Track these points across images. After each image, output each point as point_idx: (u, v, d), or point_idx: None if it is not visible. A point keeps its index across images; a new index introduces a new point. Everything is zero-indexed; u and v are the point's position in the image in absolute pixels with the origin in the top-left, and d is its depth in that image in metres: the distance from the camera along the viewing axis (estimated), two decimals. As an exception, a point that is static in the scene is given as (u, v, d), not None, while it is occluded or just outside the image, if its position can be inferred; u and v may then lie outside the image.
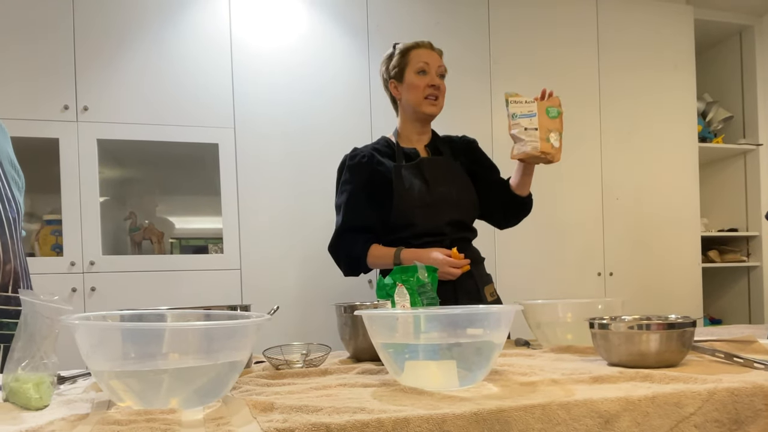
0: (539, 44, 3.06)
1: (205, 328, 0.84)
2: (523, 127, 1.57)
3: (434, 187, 1.72)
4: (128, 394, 0.78)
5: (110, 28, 2.47)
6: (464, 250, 1.78)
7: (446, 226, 1.73)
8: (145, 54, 2.51)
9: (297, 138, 2.67)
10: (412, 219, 1.71)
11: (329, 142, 2.69)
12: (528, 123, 1.57)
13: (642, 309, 3.04)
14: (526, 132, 1.57)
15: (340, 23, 2.75)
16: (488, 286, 1.82)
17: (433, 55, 1.77)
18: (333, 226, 1.79)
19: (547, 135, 1.55)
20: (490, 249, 2.75)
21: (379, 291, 1.25)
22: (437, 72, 1.76)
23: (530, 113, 1.57)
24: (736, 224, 3.65)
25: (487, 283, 1.82)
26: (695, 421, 0.82)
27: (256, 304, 1.29)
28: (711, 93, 3.74)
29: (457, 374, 0.87)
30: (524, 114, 1.58)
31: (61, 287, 2.35)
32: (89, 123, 2.42)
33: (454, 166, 1.79)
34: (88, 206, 2.41)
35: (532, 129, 1.56)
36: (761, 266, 3.52)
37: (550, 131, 1.55)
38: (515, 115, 1.60)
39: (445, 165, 1.78)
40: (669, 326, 1.01)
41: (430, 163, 1.76)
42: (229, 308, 1.18)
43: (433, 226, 1.71)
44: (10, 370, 0.84)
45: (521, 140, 1.58)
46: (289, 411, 0.76)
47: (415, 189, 1.71)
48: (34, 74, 2.37)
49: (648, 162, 3.24)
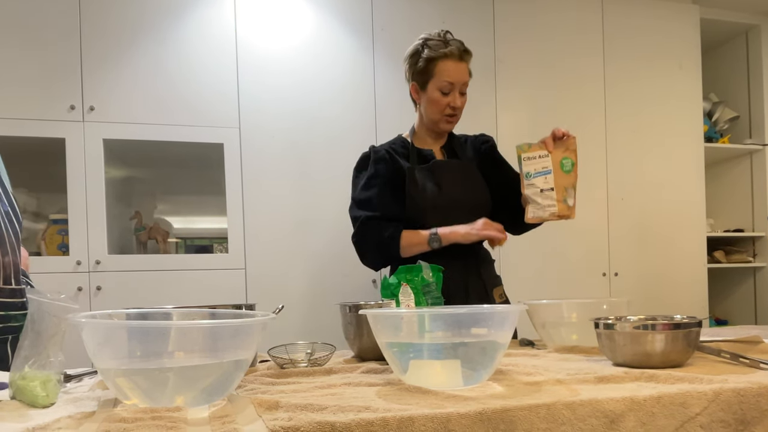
0: (544, 43, 3.06)
1: (211, 326, 0.84)
2: (539, 189, 1.49)
3: (446, 190, 1.71)
4: (134, 392, 0.78)
5: (116, 28, 2.48)
6: (477, 251, 1.77)
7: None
8: (151, 54, 2.51)
9: (302, 138, 2.68)
10: (423, 221, 1.70)
11: (334, 142, 2.69)
12: (543, 183, 1.48)
13: (647, 310, 3.03)
14: (542, 194, 1.48)
15: (345, 23, 2.75)
16: (497, 288, 1.80)
17: (460, 70, 1.68)
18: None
19: (563, 196, 1.46)
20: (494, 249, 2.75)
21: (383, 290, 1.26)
22: (460, 90, 1.70)
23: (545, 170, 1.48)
24: (742, 225, 3.63)
25: (497, 285, 1.81)
26: (701, 422, 0.82)
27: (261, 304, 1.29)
28: (717, 93, 3.72)
29: (462, 374, 0.88)
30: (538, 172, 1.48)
31: (67, 286, 2.36)
32: (95, 123, 2.43)
33: (469, 169, 1.77)
34: (94, 206, 2.42)
35: (548, 190, 1.48)
36: (767, 267, 3.51)
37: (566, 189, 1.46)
38: (529, 174, 1.51)
39: (460, 167, 1.76)
40: (674, 326, 1.00)
41: (444, 166, 1.75)
42: (234, 307, 1.19)
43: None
44: (17, 368, 0.84)
45: (537, 203, 1.51)
46: (294, 410, 0.76)
47: (427, 191, 1.70)
48: (41, 75, 2.39)
49: (653, 162, 3.23)
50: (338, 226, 2.58)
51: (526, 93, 3.02)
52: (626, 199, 3.17)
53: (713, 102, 3.67)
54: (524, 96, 3.02)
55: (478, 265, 1.75)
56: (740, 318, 3.66)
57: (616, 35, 3.19)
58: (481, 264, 1.77)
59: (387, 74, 2.76)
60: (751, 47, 3.61)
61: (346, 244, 1.84)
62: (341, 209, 1.88)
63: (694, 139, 3.30)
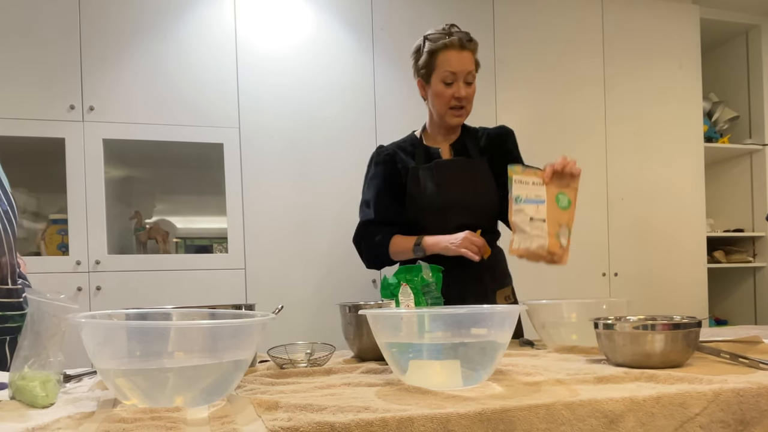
0: (544, 43, 3.06)
1: (210, 327, 0.84)
2: (528, 216, 1.30)
3: (446, 190, 1.68)
4: (134, 393, 0.78)
5: (116, 28, 2.48)
6: None
7: (456, 230, 1.63)
8: (150, 54, 2.51)
9: (301, 138, 2.68)
10: (421, 222, 1.69)
11: (334, 141, 2.69)
12: (535, 212, 1.30)
13: (647, 310, 3.03)
14: (531, 223, 1.29)
15: (345, 23, 2.75)
16: (503, 290, 1.77)
17: (462, 59, 1.63)
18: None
19: (556, 230, 1.28)
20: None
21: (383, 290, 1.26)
22: (465, 79, 1.65)
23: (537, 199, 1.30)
24: (742, 225, 3.63)
25: (503, 286, 1.77)
26: (700, 422, 0.82)
27: (261, 304, 1.29)
28: (717, 93, 3.72)
29: (462, 374, 0.88)
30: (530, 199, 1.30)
31: (66, 286, 2.36)
32: (95, 123, 2.43)
33: (477, 167, 1.72)
34: (94, 206, 2.42)
35: (539, 220, 1.29)
36: (767, 267, 3.51)
37: (560, 225, 1.28)
38: (519, 198, 1.31)
39: (465, 166, 1.72)
40: (674, 327, 1.00)
41: (447, 165, 1.72)
42: (234, 307, 1.19)
43: (442, 229, 1.66)
44: (16, 368, 0.84)
45: (524, 233, 1.31)
46: (293, 410, 0.76)
47: (427, 192, 1.69)
48: (41, 75, 2.38)
49: (653, 162, 3.23)
50: (338, 226, 2.58)
51: (526, 94, 3.02)
52: (626, 199, 3.17)
53: (713, 102, 3.67)
54: (524, 97, 3.02)
55: (478, 269, 1.66)
56: (740, 318, 3.66)
57: (616, 36, 3.19)
58: (482, 268, 1.66)
59: (387, 74, 2.76)
60: (751, 47, 3.61)
61: (346, 245, 1.84)
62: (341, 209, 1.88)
63: (694, 139, 3.30)
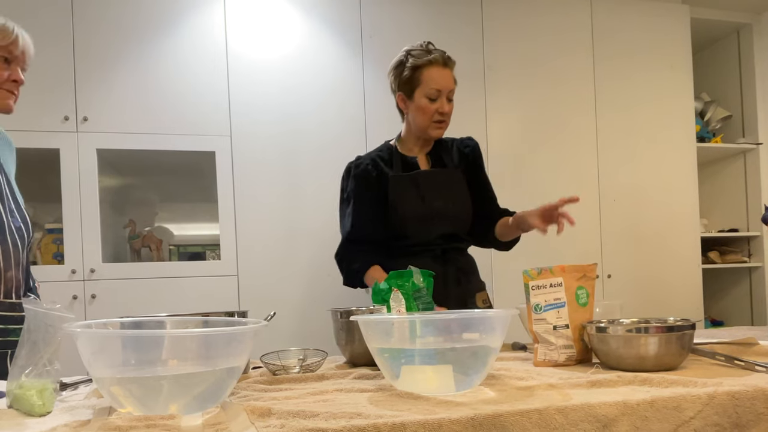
0: (534, 47, 3.06)
1: (204, 334, 0.84)
2: (551, 325, 1.18)
3: (429, 200, 1.71)
4: (129, 400, 0.79)
5: (109, 40, 2.48)
6: (458, 259, 1.78)
7: (438, 239, 1.74)
8: (143, 65, 2.52)
9: (292, 145, 2.68)
10: (404, 231, 1.72)
11: (324, 149, 2.70)
12: (556, 318, 1.19)
13: (641, 312, 3.03)
14: (555, 333, 1.18)
15: (334, 31, 2.76)
16: (480, 293, 1.82)
17: (445, 76, 1.69)
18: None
19: (580, 333, 1.17)
20: (486, 252, 2.75)
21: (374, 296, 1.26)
22: (448, 96, 1.70)
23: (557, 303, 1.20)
24: (736, 224, 3.63)
25: (480, 290, 1.83)
26: (695, 426, 0.82)
27: (253, 310, 1.29)
28: (709, 92, 3.73)
29: (454, 379, 0.88)
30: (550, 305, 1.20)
31: (62, 295, 2.36)
32: (89, 133, 2.44)
33: (454, 177, 1.77)
34: (89, 215, 2.42)
35: (562, 327, 1.18)
36: (763, 267, 3.50)
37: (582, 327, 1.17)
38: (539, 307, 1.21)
39: (444, 176, 1.76)
40: (668, 329, 1.00)
41: (428, 176, 1.75)
42: (227, 314, 1.19)
43: (424, 238, 1.72)
44: (14, 377, 0.85)
45: (549, 343, 1.18)
46: (286, 416, 0.76)
47: (410, 201, 1.71)
48: (35, 86, 2.38)
49: (645, 163, 3.23)
50: (328, 233, 2.56)
51: (516, 96, 3.02)
52: (618, 201, 3.17)
53: (705, 101, 3.67)
54: (514, 99, 3.02)
55: (457, 275, 1.76)
56: (736, 318, 3.66)
57: (605, 36, 3.19)
58: (460, 273, 1.77)
59: (376, 81, 2.77)
60: (742, 46, 3.61)
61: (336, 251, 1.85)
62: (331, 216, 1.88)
63: (686, 138, 3.31)
